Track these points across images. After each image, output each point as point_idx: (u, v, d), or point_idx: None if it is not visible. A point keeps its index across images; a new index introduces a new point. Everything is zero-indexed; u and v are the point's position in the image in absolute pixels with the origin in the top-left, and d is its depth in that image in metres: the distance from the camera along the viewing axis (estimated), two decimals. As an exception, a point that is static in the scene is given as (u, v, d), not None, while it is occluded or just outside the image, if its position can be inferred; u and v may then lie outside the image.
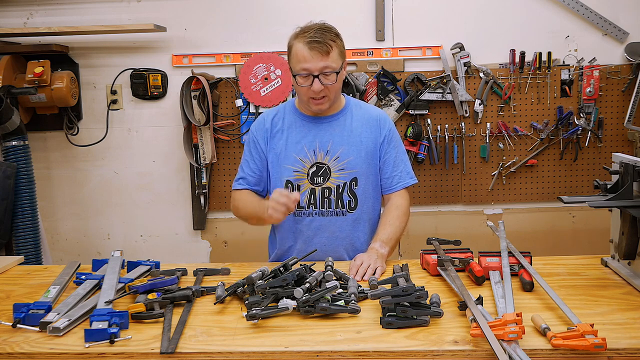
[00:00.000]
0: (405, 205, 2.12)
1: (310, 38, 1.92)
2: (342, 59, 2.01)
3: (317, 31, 1.94)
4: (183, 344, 1.39)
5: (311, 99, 2.00)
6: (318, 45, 1.91)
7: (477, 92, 3.10)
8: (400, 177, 2.13)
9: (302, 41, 1.94)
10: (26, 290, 1.80)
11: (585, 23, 3.08)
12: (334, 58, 1.95)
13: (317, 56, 1.92)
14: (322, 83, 1.95)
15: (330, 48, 1.94)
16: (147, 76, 3.18)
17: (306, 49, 1.92)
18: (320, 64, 1.93)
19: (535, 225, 3.23)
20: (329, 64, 1.94)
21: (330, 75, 1.95)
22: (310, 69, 1.93)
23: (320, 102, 2.01)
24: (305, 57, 1.93)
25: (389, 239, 2.00)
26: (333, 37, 1.96)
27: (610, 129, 3.13)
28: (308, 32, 1.95)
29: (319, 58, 1.92)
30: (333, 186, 2.08)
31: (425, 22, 3.12)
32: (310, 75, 1.94)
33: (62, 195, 3.35)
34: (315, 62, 1.92)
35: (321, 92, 1.97)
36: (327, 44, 1.93)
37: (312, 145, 2.08)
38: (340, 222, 2.09)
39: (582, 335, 1.29)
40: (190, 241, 3.35)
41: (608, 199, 1.66)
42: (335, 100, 2.06)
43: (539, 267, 1.76)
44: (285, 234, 2.13)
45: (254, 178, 2.16)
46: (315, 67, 1.93)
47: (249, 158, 2.16)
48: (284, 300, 1.53)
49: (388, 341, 1.37)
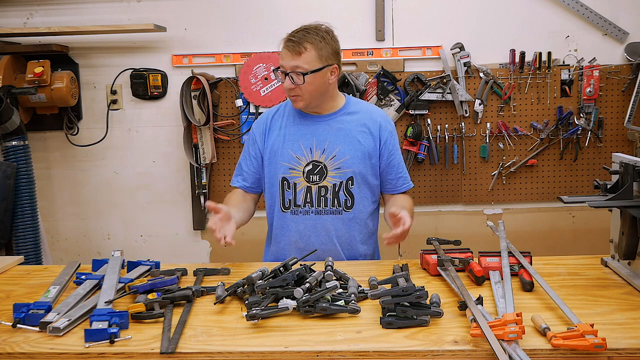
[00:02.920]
0: (410, 200, 2.15)
1: (289, 37, 1.99)
2: (323, 61, 1.99)
3: (300, 31, 2.00)
4: (183, 344, 1.39)
5: (290, 96, 2.05)
6: (292, 45, 1.97)
7: (477, 92, 3.10)
8: (405, 178, 2.17)
9: (284, 39, 2.01)
10: (26, 290, 1.80)
11: (585, 23, 3.08)
12: (306, 59, 1.96)
13: (288, 55, 1.98)
14: (292, 82, 1.99)
15: (304, 49, 1.96)
16: (147, 76, 3.18)
17: (283, 47, 2.00)
18: (291, 63, 1.98)
19: (535, 225, 3.23)
20: (299, 64, 1.97)
21: (298, 75, 1.98)
22: (284, 66, 2.00)
23: (294, 100, 2.05)
24: (282, 54, 2.01)
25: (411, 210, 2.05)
26: (314, 39, 1.97)
27: (610, 129, 3.13)
28: (294, 31, 2.01)
29: (290, 57, 1.97)
30: (329, 185, 2.08)
31: (425, 22, 3.12)
32: (283, 72, 2.00)
33: (62, 195, 3.35)
34: (287, 60, 1.98)
35: (292, 91, 2.01)
36: (301, 44, 1.96)
37: (308, 143, 2.09)
38: (337, 221, 2.09)
39: (582, 335, 1.29)
40: (190, 241, 3.35)
41: (608, 199, 1.66)
42: (316, 101, 2.06)
43: (539, 267, 1.76)
44: (282, 232, 2.14)
45: (250, 176, 2.18)
46: (287, 65, 1.99)
47: (247, 156, 2.19)
48: (284, 300, 1.53)
49: (388, 341, 1.37)
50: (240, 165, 2.21)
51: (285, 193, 2.10)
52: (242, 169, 2.19)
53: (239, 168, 2.21)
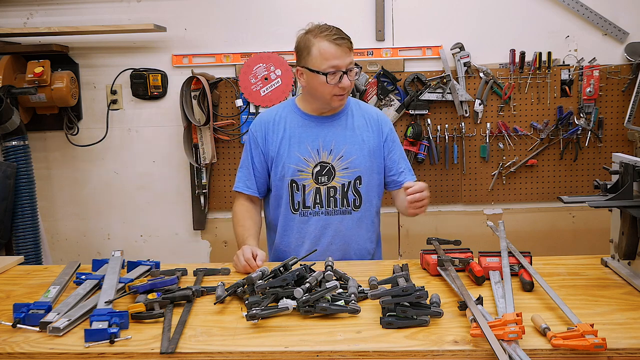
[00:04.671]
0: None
1: (336, 35, 1.96)
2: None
3: (337, 29, 1.98)
4: (183, 344, 1.39)
5: (335, 96, 2.01)
6: (344, 42, 1.96)
7: (477, 92, 3.10)
8: (406, 173, 2.18)
9: (327, 39, 1.96)
10: (26, 290, 1.80)
11: (585, 23, 3.08)
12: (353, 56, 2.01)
13: (345, 52, 1.96)
14: (349, 79, 1.99)
15: (352, 44, 1.99)
16: (147, 76, 3.18)
17: (333, 46, 1.95)
18: (347, 60, 1.97)
19: (535, 225, 3.23)
20: (352, 60, 1.99)
21: (353, 70, 1.99)
22: (340, 66, 1.96)
23: (342, 98, 2.04)
24: (334, 53, 1.95)
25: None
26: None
27: (610, 129, 3.13)
28: (327, 30, 1.97)
29: (347, 54, 1.97)
30: (338, 185, 2.08)
31: (425, 22, 3.12)
32: (339, 71, 1.96)
33: (62, 195, 3.35)
34: (344, 58, 1.96)
35: (345, 89, 2.00)
36: (349, 40, 1.98)
37: (315, 144, 2.08)
38: (347, 221, 2.10)
39: (582, 335, 1.29)
40: (190, 241, 3.35)
41: (608, 199, 1.66)
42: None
43: (539, 267, 1.76)
44: (292, 235, 2.12)
45: (258, 181, 2.15)
46: (343, 64, 1.96)
47: (251, 161, 2.15)
48: (284, 300, 1.53)
49: (388, 341, 1.37)
50: (244, 171, 2.16)
51: (295, 195, 2.09)
52: (248, 175, 2.15)
53: (244, 174, 2.16)
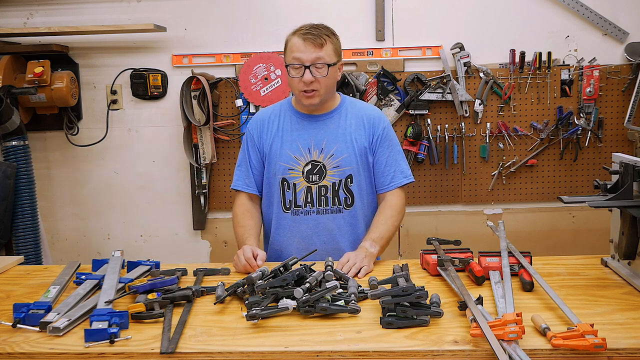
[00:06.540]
0: (399, 204, 2.12)
1: (305, 31, 1.98)
2: (337, 57, 2.03)
3: (312, 27, 2.00)
4: (183, 344, 1.39)
5: (302, 92, 2.01)
6: (312, 37, 1.96)
7: (477, 92, 3.10)
8: (393, 176, 2.13)
9: (297, 35, 1.99)
10: (26, 290, 1.80)
11: (585, 23, 3.08)
12: (327, 52, 1.98)
13: (310, 47, 1.96)
14: (312, 75, 1.97)
15: (324, 42, 1.98)
16: (147, 76, 3.18)
17: (300, 41, 1.97)
18: (312, 55, 1.96)
19: (535, 225, 3.23)
20: (321, 56, 1.97)
21: (321, 68, 1.97)
22: (302, 59, 1.96)
23: (310, 96, 2.01)
24: (299, 47, 1.97)
25: (380, 237, 2.01)
26: (328, 34, 2.01)
27: (610, 129, 3.13)
28: (304, 28, 2.00)
29: (312, 49, 1.96)
30: (329, 184, 2.08)
31: (425, 22, 3.12)
32: (302, 66, 1.97)
33: (62, 195, 3.35)
34: (308, 52, 1.96)
35: (312, 85, 1.98)
36: (321, 37, 1.97)
37: (306, 143, 2.08)
38: (338, 220, 2.10)
39: (582, 335, 1.29)
40: (190, 241, 3.35)
41: (608, 199, 1.66)
42: (326, 97, 2.07)
43: (539, 267, 1.77)
44: (284, 233, 2.13)
45: (256, 178, 2.17)
46: (307, 58, 1.96)
47: (248, 159, 2.17)
48: (284, 300, 1.53)
49: (388, 341, 1.37)
50: (242, 169, 2.18)
51: (286, 194, 2.10)
52: (247, 173, 2.16)
53: (242, 172, 2.18)
